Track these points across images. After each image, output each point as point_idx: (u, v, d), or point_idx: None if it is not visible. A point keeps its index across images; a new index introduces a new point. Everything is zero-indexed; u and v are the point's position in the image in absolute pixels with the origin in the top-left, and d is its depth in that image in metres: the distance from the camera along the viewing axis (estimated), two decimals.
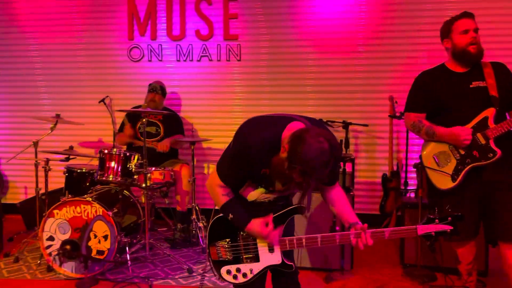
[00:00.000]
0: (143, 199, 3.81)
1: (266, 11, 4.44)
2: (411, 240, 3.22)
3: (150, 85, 4.17)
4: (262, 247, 1.87)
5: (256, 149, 1.68)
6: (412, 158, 4.08)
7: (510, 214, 2.19)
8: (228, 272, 1.90)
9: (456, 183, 2.30)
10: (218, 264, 1.92)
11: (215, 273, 1.93)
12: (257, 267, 1.88)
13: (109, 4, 4.64)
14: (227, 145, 1.88)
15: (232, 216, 1.82)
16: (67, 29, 4.71)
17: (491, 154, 2.25)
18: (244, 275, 1.89)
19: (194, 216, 3.83)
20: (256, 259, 1.87)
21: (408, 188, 4.07)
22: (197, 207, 3.85)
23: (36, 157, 3.67)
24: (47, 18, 4.74)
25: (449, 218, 1.70)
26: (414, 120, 2.46)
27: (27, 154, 3.98)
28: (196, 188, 4.02)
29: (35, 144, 3.66)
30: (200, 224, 3.85)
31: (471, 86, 2.34)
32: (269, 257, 1.86)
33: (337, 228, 3.04)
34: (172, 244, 3.79)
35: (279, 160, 1.61)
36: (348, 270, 3.13)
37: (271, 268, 1.89)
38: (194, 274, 3.20)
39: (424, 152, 2.49)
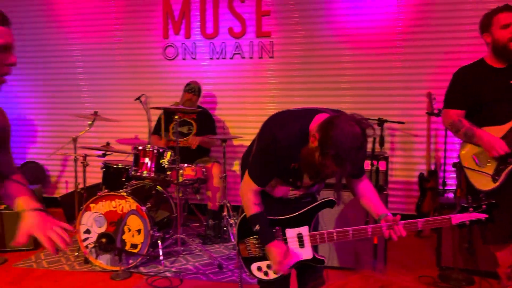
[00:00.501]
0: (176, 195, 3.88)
1: (299, 7, 4.39)
2: (448, 242, 3.10)
3: (188, 84, 4.22)
4: (292, 243, 1.84)
5: (285, 143, 1.66)
6: (451, 157, 3.91)
7: None
8: (259, 268, 1.89)
9: (497, 184, 2.18)
10: (249, 261, 1.91)
11: (246, 270, 1.92)
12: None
13: (145, 4, 4.75)
14: None
15: (258, 228, 1.81)
16: (105, 28, 4.86)
17: None
18: (275, 271, 1.86)
19: (225, 213, 3.86)
20: None
21: (447, 188, 3.92)
22: (228, 204, 3.88)
23: (75, 152, 3.82)
24: (87, 18, 4.90)
25: (484, 206, 1.67)
26: (454, 119, 2.36)
27: (67, 150, 4.12)
28: (227, 185, 4.06)
29: (74, 140, 3.81)
30: (231, 221, 3.88)
31: (511, 82, 2.22)
32: (300, 253, 1.84)
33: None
34: (204, 240, 3.84)
35: (309, 151, 1.60)
36: (380, 270, 3.04)
37: (301, 264, 1.86)
38: (225, 270, 3.23)
39: (463, 152, 2.38)
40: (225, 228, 3.87)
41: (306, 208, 1.83)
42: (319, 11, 4.35)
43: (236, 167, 4.70)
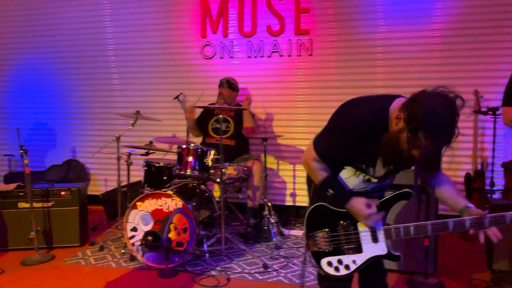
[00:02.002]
0: (216, 194, 3.88)
1: (338, 3, 4.33)
2: (500, 245, 2.99)
3: (220, 81, 4.24)
4: (365, 237, 1.78)
5: (362, 122, 1.60)
6: (499, 157, 3.80)
7: None
8: (329, 263, 1.80)
9: None
10: (318, 256, 1.83)
11: (315, 265, 1.84)
12: (360, 258, 1.78)
13: (182, 3, 4.76)
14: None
15: (332, 191, 1.74)
16: (143, 28, 4.90)
17: None
18: (347, 267, 1.79)
19: (266, 212, 3.84)
20: (358, 249, 1.77)
21: (494, 188, 3.80)
22: (269, 203, 3.86)
23: (118, 151, 3.87)
24: (122, 19, 4.96)
25: None
26: None
27: (110, 148, 4.17)
28: (268, 184, 4.04)
29: (117, 139, 3.85)
30: (272, 220, 3.86)
31: None
32: (373, 248, 1.77)
33: None
34: (245, 239, 3.83)
35: (393, 134, 1.52)
36: (431, 274, 2.98)
37: (376, 259, 1.78)
38: (269, 270, 3.20)
39: None
40: (265, 227, 3.85)
41: (381, 200, 1.75)
42: (356, 8, 4.28)
43: (275, 165, 4.67)
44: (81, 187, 3.73)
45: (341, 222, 1.79)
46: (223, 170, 3.46)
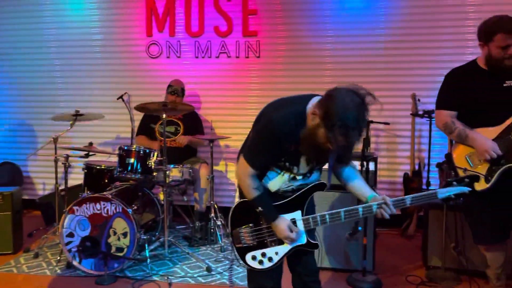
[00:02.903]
0: (161, 197, 3.80)
1: (286, 6, 4.37)
2: (435, 242, 3.14)
3: (170, 86, 4.13)
4: None
5: (282, 124, 1.69)
6: (434, 158, 3.98)
7: None
8: (254, 258, 1.90)
9: (490, 184, 2.21)
10: (243, 251, 1.92)
11: (240, 261, 1.93)
12: (282, 250, 1.88)
13: (127, 0, 4.62)
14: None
15: (261, 209, 1.84)
16: (85, 25, 4.71)
17: None
18: (270, 259, 1.88)
19: (212, 214, 3.81)
20: (280, 241, 1.87)
21: (430, 188, 3.97)
22: (215, 205, 3.83)
23: (55, 153, 3.69)
24: (65, 15, 4.74)
25: (466, 180, 1.79)
26: (447, 120, 2.38)
27: (47, 150, 3.98)
28: (215, 186, 4.00)
29: (55, 140, 3.67)
30: (219, 222, 3.83)
31: (504, 85, 2.26)
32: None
33: (360, 227, 2.98)
34: (190, 242, 3.77)
35: (311, 130, 1.62)
36: (370, 271, 3.07)
37: (297, 249, 1.88)
38: (213, 272, 3.17)
39: (456, 152, 2.40)
40: (212, 230, 3.81)
41: (298, 193, 1.86)
42: (304, 12, 4.34)
43: (223, 167, 4.65)
44: (14, 192, 3.52)
45: None
46: (167, 172, 3.39)
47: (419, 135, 4.20)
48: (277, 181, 1.84)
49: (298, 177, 1.84)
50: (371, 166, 3.26)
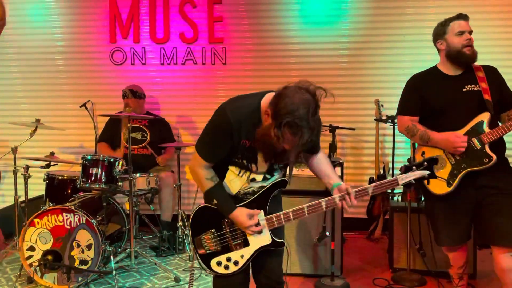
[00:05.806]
0: (127, 206, 3.71)
1: (252, 14, 4.40)
2: (400, 244, 3.22)
3: (123, 92, 4.07)
4: None
5: (235, 119, 1.66)
6: (398, 162, 4.09)
7: (502, 219, 2.18)
8: (219, 263, 1.84)
9: (451, 188, 2.28)
10: (207, 258, 1.85)
11: (205, 268, 1.85)
12: (247, 252, 1.83)
13: (90, 6, 4.52)
14: None
15: (216, 201, 1.80)
16: (47, 31, 4.57)
17: (487, 159, 2.23)
18: (236, 263, 1.83)
19: (180, 223, 3.75)
20: (245, 243, 1.83)
21: (395, 191, 4.07)
22: (183, 214, 3.77)
23: (15, 163, 3.54)
24: (25, 20, 4.58)
25: (425, 164, 1.79)
26: (409, 124, 2.44)
27: (5, 160, 3.81)
28: (182, 194, 3.95)
29: (14, 150, 3.53)
30: (186, 231, 3.78)
31: (464, 90, 2.33)
32: (259, 239, 1.83)
33: (327, 232, 3.02)
34: (158, 252, 3.70)
35: (264, 130, 1.59)
36: (338, 276, 3.10)
37: (262, 249, 1.84)
38: (182, 283, 3.12)
39: (417, 156, 2.46)
40: (180, 239, 3.75)
41: (259, 192, 1.83)
42: (270, 19, 4.38)
43: (190, 175, 4.58)
44: None
45: (226, 220, 1.84)
46: (133, 181, 3.31)
47: (383, 140, 4.31)
48: (236, 183, 1.81)
49: (258, 178, 1.81)
50: (338, 171, 3.30)
